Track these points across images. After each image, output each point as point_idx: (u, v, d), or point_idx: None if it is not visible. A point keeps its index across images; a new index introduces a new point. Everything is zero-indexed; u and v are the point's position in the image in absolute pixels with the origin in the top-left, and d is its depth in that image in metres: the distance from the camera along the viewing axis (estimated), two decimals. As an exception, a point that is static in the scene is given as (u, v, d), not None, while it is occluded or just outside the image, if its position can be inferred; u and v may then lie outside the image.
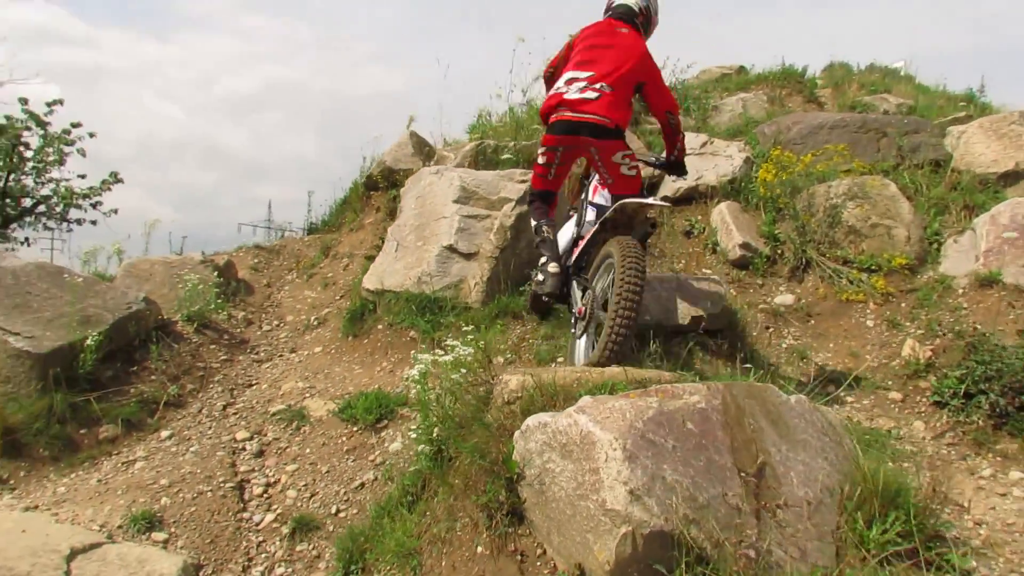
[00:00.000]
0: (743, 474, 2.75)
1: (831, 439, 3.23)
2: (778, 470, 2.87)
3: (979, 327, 4.82)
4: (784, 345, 5.22)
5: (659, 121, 4.21)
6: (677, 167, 4.43)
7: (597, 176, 4.16)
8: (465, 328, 3.73)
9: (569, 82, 3.85)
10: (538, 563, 2.65)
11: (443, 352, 3.40)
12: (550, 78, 4.32)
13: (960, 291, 5.28)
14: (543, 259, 3.97)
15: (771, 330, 5.39)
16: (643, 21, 4.19)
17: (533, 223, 4.15)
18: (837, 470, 3.08)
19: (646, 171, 5.57)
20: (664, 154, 4.42)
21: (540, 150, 4.03)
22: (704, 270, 6.09)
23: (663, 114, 4.09)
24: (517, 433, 2.86)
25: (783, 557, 2.58)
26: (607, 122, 3.73)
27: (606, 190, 4.13)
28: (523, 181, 5.69)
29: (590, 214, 4.34)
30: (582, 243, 4.10)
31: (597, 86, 3.76)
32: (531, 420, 2.83)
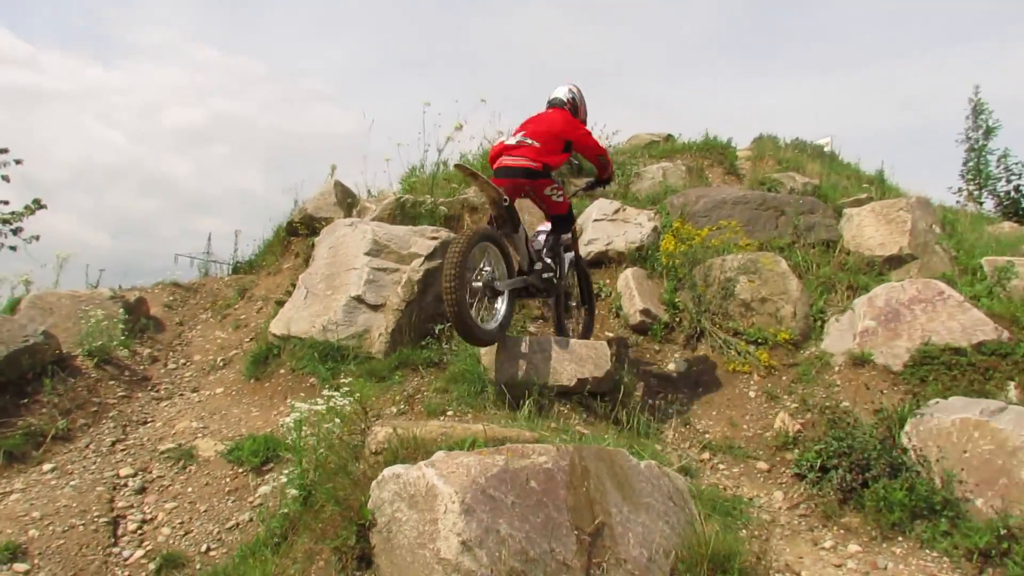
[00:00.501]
0: (579, 532, 2.97)
1: (676, 504, 3.48)
2: (616, 530, 3.09)
3: (846, 404, 5.20)
4: (671, 410, 5.49)
5: (594, 164, 5.44)
6: (602, 182, 5.66)
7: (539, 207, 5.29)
8: (343, 381, 3.89)
9: (507, 139, 5.05)
10: (378, 610, 2.79)
11: (320, 402, 3.56)
12: (495, 158, 5.16)
13: (836, 368, 5.68)
14: None
15: (660, 395, 5.67)
16: (571, 107, 5.37)
17: None
18: (677, 533, 3.32)
19: None
20: (593, 180, 5.72)
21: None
22: (607, 333, 6.39)
23: (595, 159, 5.34)
24: (374, 483, 3.03)
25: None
26: (535, 166, 4.83)
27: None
28: (434, 238, 5.94)
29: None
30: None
31: (528, 142, 4.91)
32: (387, 471, 3.01)
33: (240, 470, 4.27)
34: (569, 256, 5.57)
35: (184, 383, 5.75)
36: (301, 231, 7.31)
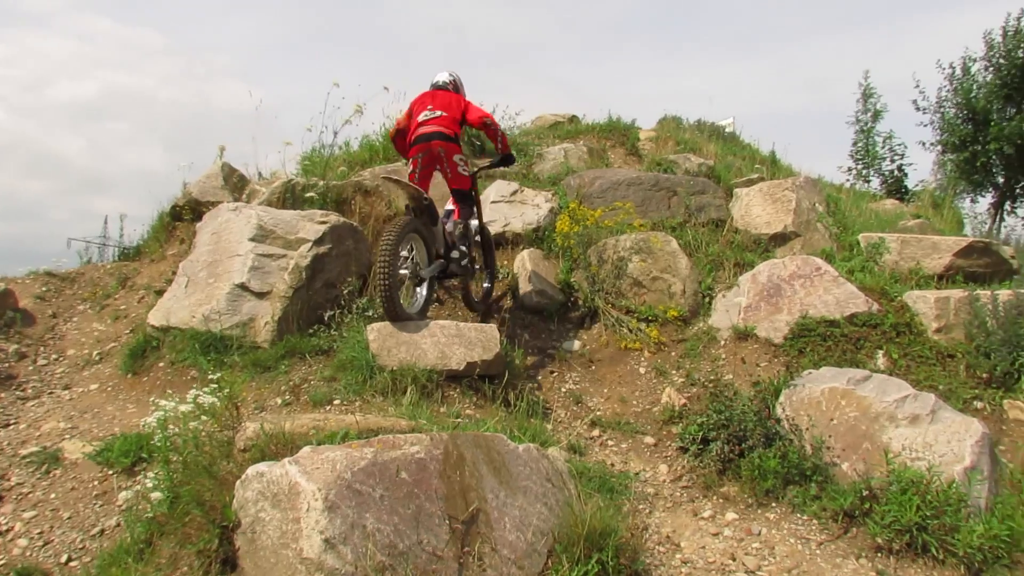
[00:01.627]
0: (452, 521, 2.94)
1: (554, 485, 3.50)
2: (492, 516, 3.09)
3: (729, 377, 5.38)
4: (564, 389, 5.56)
5: (480, 130, 5.70)
6: (506, 159, 5.90)
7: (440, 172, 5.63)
8: (211, 377, 3.73)
9: (419, 117, 5.52)
10: (242, 613, 2.70)
11: (187, 399, 3.40)
12: (396, 135, 5.93)
13: (722, 343, 5.85)
14: None
15: (555, 374, 5.73)
16: (453, 88, 5.83)
17: None
18: (555, 515, 3.35)
19: None
20: (495, 159, 5.94)
21: (407, 162, 5.58)
22: (504, 315, 6.39)
23: (480, 122, 5.58)
24: (238, 482, 2.92)
25: (468, 600, 2.77)
26: (448, 131, 5.39)
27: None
28: (323, 222, 5.76)
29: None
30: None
31: (437, 113, 5.46)
32: (251, 470, 2.90)
33: (109, 472, 4.05)
34: (473, 224, 5.96)
35: (54, 380, 5.41)
36: (186, 216, 6.96)
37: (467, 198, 5.73)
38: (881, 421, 4.25)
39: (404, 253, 5.08)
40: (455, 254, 5.54)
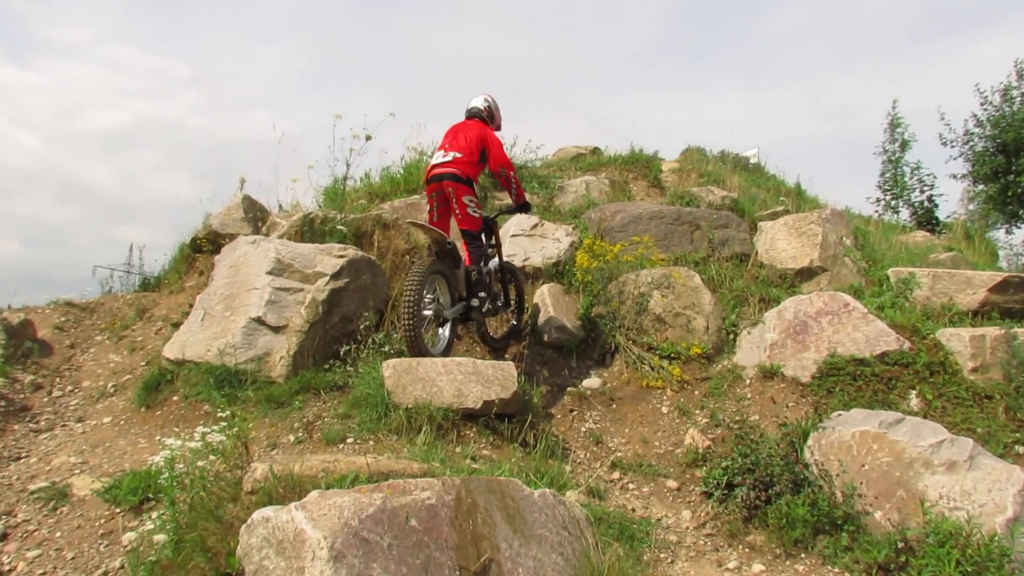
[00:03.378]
0: (464, 572, 2.82)
1: (571, 533, 3.37)
2: (505, 567, 2.96)
3: (755, 418, 5.21)
4: (583, 429, 5.43)
5: (495, 175, 5.80)
6: (521, 208, 6.07)
7: (453, 213, 5.64)
8: (221, 414, 3.66)
9: (435, 156, 5.68)
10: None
11: (196, 436, 3.33)
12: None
13: (747, 382, 5.70)
14: None
15: (575, 413, 5.60)
16: (487, 115, 5.99)
17: None
18: (571, 565, 3.21)
19: None
20: (512, 205, 6.11)
21: (425, 201, 5.77)
22: (523, 350, 6.29)
23: (498, 168, 5.69)
24: (243, 527, 2.83)
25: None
26: (460, 173, 5.46)
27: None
28: (341, 256, 5.73)
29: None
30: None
31: (451, 156, 5.53)
32: (256, 514, 2.80)
33: (117, 510, 3.97)
34: (493, 264, 5.96)
35: (68, 412, 5.38)
36: (205, 247, 6.99)
37: (476, 239, 5.69)
38: (916, 467, 4.07)
39: (428, 294, 5.18)
40: (475, 302, 5.55)
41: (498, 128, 6.17)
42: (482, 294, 5.57)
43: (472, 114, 6.00)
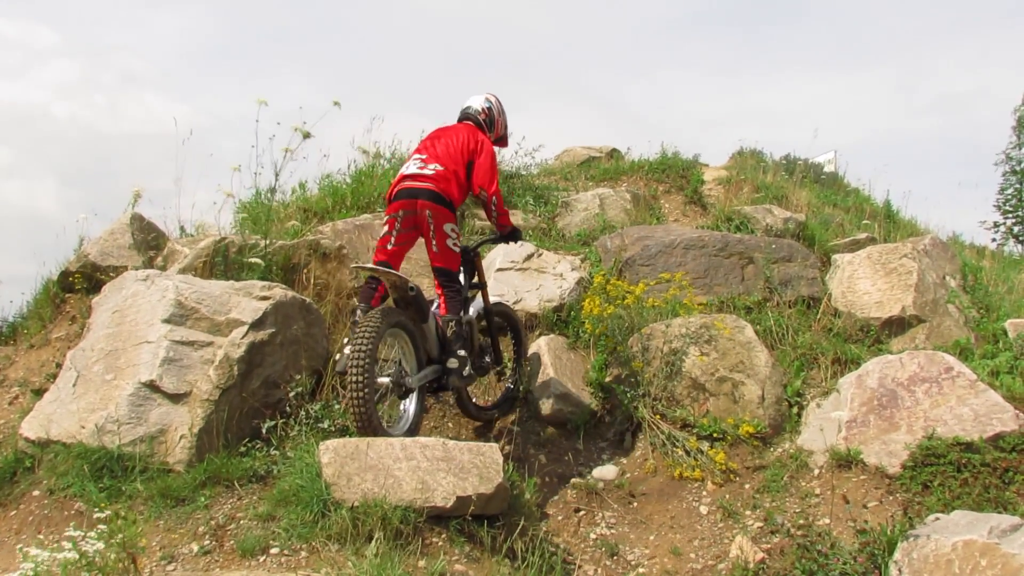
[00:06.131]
0: None
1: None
2: None
3: (825, 522, 5.35)
4: (593, 535, 5.55)
5: (475, 195, 5.97)
6: (508, 236, 6.28)
7: (426, 243, 5.76)
8: (99, 514, 3.78)
9: (407, 165, 5.79)
10: None
11: (67, 546, 3.45)
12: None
13: (816, 472, 5.86)
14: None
15: (582, 513, 5.73)
16: (485, 119, 6.21)
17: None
18: None
19: None
20: (495, 235, 6.35)
21: (383, 222, 5.86)
22: (512, 427, 6.42)
23: (477, 189, 5.82)
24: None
25: None
26: (442, 192, 5.56)
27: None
28: (264, 297, 5.88)
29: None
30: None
31: (431, 169, 5.63)
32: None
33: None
34: (476, 308, 6.16)
35: None
36: (79, 285, 7.11)
37: (454, 281, 5.78)
38: (1038, 590, 4.20)
39: (386, 355, 5.23)
40: (452, 363, 5.63)
41: (500, 140, 6.42)
42: (461, 353, 5.65)
43: (464, 116, 6.22)
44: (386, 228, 5.74)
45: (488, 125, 6.20)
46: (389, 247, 5.69)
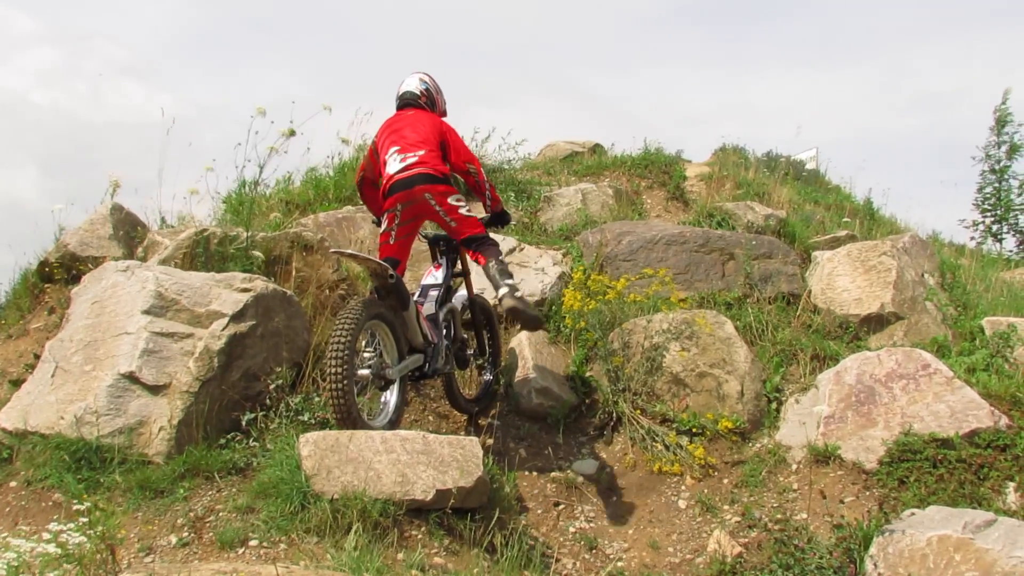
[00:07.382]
0: None
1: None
2: None
3: (802, 516, 5.41)
4: (572, 529, 5.59)
5: (460, 175, 6.05)
6: (498, 218, 6.30)
7: (440, 225, 5.81)
8: (79, 507, 3.78)
9: (388, 165, 5.71)
10: None
11: (48, 537, 3.45)
12: (362, 183, 6.27)
13: (793, 467, 5.91)
14: None
15: (561, 507, 5.76)
16: (427, 101, 6.17)
17: None
18: None
19: None
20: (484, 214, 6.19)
21: (381, 219, 5.85)
22: (492, 420, 6.44)
23: (463, 165, 5.94)
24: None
25: None
26: (435, 171, 5.57)
27: (437, 270, 6.18)
28: (245, 289, 5.88)
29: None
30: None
31: (413, 155, 5.61)
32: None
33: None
34: (459, 298, 6.22)
35: None
36: (58, 276, 7.09)
37: (484, 240, 5.72)
38: (1011, 586, 4.26)
39: (366, 347, 5.26)
40: (440, 361, 5.74)
41: (443, 115, 6.38)
42: (510, 281, 5.58)
43: (407, 102, 6.18)
44: (385, 223, 5.74)
45: (430, 105, 6.20)
46: (391, 242, 5.73)
